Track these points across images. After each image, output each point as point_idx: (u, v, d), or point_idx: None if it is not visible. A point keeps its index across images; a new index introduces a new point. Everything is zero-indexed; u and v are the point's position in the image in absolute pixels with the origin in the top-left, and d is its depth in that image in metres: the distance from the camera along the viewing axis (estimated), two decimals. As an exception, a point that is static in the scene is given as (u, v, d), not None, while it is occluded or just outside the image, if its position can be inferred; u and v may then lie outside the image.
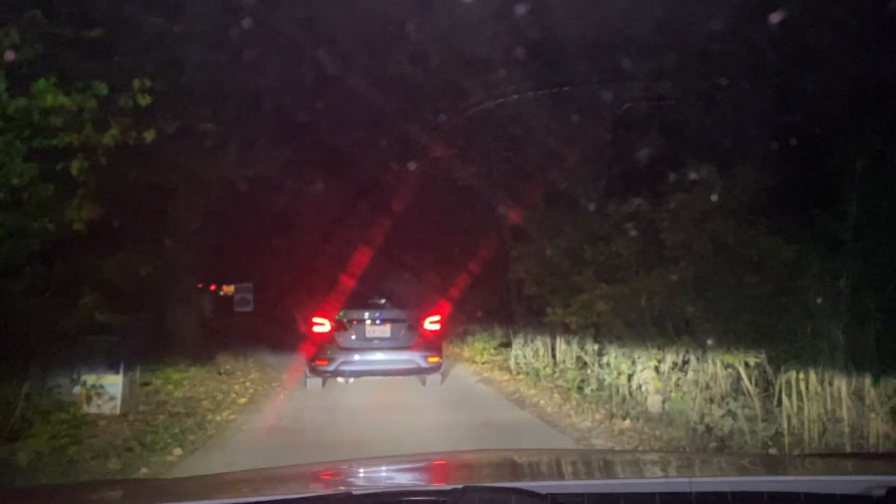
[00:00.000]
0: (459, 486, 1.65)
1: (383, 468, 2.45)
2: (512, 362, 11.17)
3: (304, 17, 7.74)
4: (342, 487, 1.92)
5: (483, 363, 12.23)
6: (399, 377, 9.25)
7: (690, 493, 1.69)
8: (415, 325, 8.52)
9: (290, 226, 12.33)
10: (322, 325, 8.43)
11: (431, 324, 8.71)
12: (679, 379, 7.31)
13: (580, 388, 8.75)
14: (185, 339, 10.44)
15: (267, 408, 8.21)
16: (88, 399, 7.68)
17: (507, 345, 13.32)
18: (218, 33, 7.37)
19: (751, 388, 6.33)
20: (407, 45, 8.78)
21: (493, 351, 13.15)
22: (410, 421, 7.15)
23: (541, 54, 8.71)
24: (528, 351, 11.17)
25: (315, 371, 8.44)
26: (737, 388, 6.85)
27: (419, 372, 8.60)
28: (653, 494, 1.72)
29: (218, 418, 7.47)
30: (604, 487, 1.81)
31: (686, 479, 1.76)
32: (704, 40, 7.22)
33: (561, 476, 2.17)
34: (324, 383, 9.15)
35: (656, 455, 4.36)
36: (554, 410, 7.74)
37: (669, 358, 7.46)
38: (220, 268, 12.02)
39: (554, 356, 10.86)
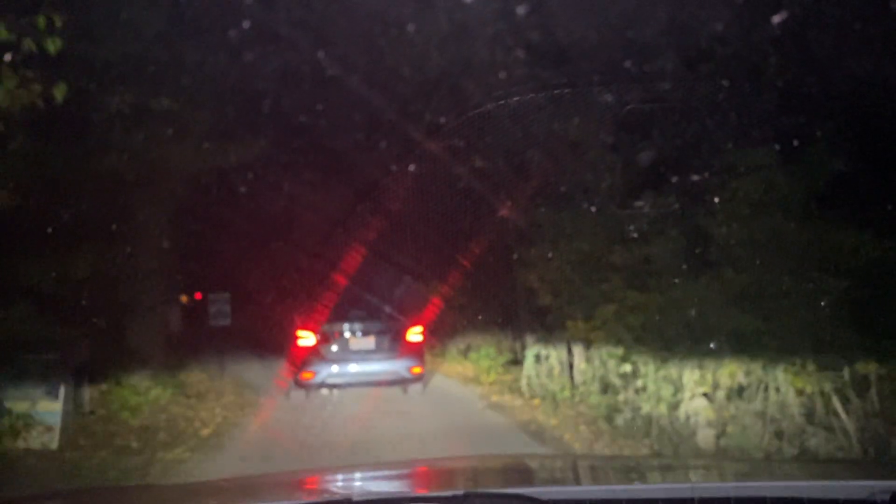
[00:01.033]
0: (461, 492, 1.67)
1: (384, 474, 2.46)
2: (523, 383, 9.78)
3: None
4: (343, 493, 1.92)
5: (490, 384, 10.84)
6: (405, 405, 8.44)
7: (692, 499, 1.69)
8: (398, 336, 8.62)
9: (272, 232, 11.01)
10: (306, 338, 8.35)
11: (414, 335, 8.80)
12: (737, 408, 5.95)
13: (609, 418, 7.37)
14: (148, 357, 9.04)
15: (232, 443, 6.83)
16: (14, 432, 6.30)
17: (517, 362, 11.98)
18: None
19: (846, 420, 4.95)
20: (397, 28, 7.55)
21: (500, 369, 11.76)
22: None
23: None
24: (541, 370, 9.79)
25: (300, 384, 8.37)
26: (812, 420, 5.50)
27: (402, 382, 8.68)
28: (655, 500, 1.74)
29: (169, 457, 6.09)
30: (605, 493, 1.81)
31: (688, 485, 1.81)
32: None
33: (562, 482, 2.18)
34: (307, 394, 8.69)
35: (658, 460, 4.26)
36: (583, 447, 6.36)
37: (724, 382, 6.09)
38: (194, 275, 10.68)
39: (572, 377, 9.49)
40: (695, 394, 6.12)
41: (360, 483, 2.24)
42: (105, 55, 5.54)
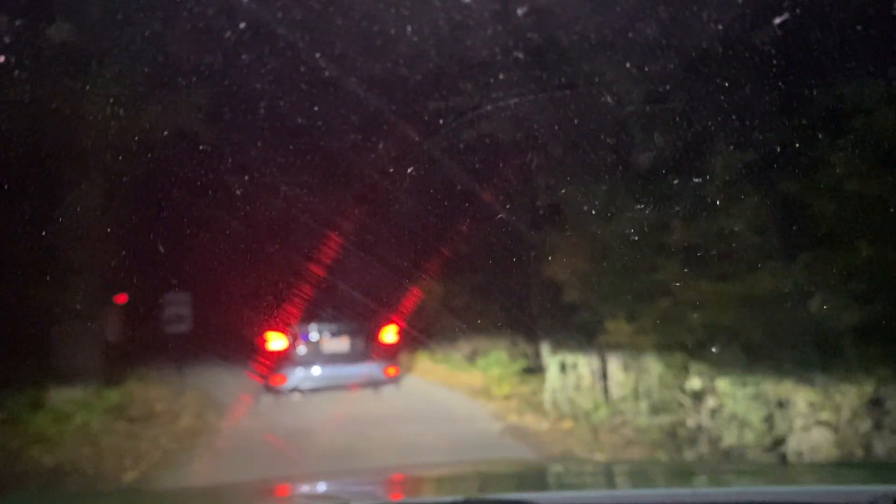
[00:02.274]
0: (461, 499, 1.66)
1: (383, 479, 2.46)
2: (547, 398, 7.95)
3: None
4: (341, 498, 1.99)
5: (504, 397, 9.02)
6: (403, 431, 6.90)
7: None
8: (372, 337, 8.42)
9: (239, 225, 9.15)
10: (277, 341, 8.14)
11: (389, 334, 8.58)
12: (872, 442, 4.12)
13: (672, 448, 5.54)
14: (80, 372, 7.22)
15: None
16: None
17: (533, 370, 10.17)
18: None
19: None
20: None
21: (514, 379, 9.94)
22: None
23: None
24: (568, 381, 7.97)
25: (271, 390, 8.14)
26: None
27: (377, 384, 8.47)
28: None
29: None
30: (606, 498, 1.81)
31: (690, 490, 1.78)
32: None
33: (562, 487, 2.15)
34: (279, 410, 7.95)
35: (660, 465, 4.03)
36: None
37: (848, 403, 4.27)
38: (146, 273, 8.87)
39: (606, 390, 7.68)
40: (810, 421, 4.28)
41: (358, 488, 2.21)
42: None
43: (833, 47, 4.76)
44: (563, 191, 7.70)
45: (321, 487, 2.26)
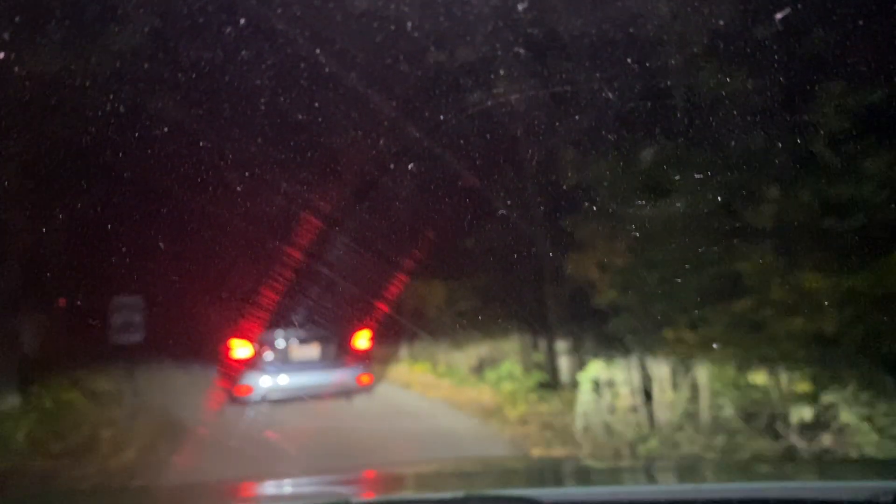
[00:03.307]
0: (461, 494, 1.66)
1: (383, 476, 2.44)
2: (578, 423, 6.39)
3: None
4: (341, 495, 1.90)
5: (521, 420, 7.47)
6: None
7: (696, 500, 1.67)
8: (344, 343, 8.02)
9: (201, 221, 7.69)
10: (243, 349, 7.60)
11: (362, 340, 8.18)
12: None
13: None
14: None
15: None
16: None
17: (553, 385, 8.69)
18: None
19: None
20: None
21: (532, 396, 8.41)
22: None
23: None
24: (602, 400, 6.43)
25: (236, 401, 7.65)
26: None
27: (350, 393, 8.03)
28: (658, 501, 1.72)
29: None
30: (607, 495, 1.78)
31: (691, 486, 1.79)
32: None
33: (563, 483, 2.13)
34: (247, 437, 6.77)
35: (662, 462, 3.93)
36: None
37: None
38: (86, 273, 7.30)
39: (651, 414, 6.16)
40: None
41: (357, 485, 2.18)
42: None
43: None
44: (592, 166, 6.19)
45: (321, 483, 2.20)
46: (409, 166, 7.50)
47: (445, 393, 9.27)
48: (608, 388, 6.50)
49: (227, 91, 6.74)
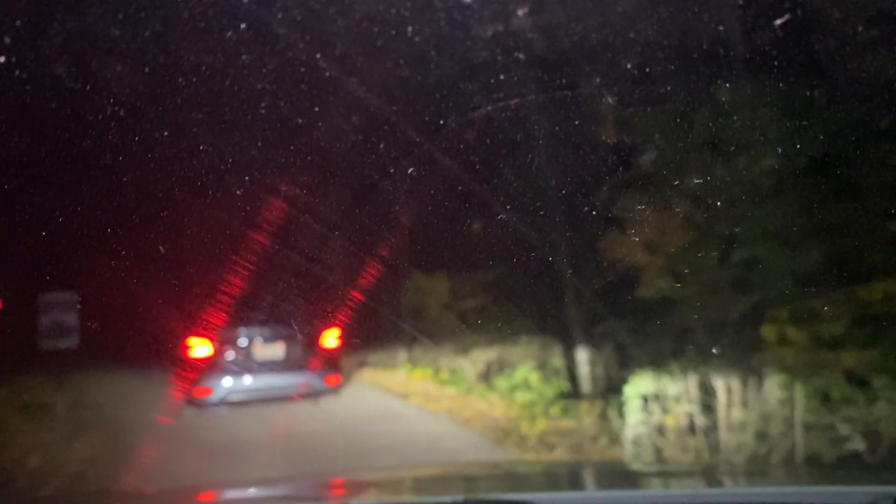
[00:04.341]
0: (460, 499, 1.66)
1: (381, 479, 2.41)
2: (629, 450, 5.01)
3: None
4: (339, 498, 1.97)
5: (542, 441, 6.11)
6: None
7: None
8: (312, 342, 7.52)
9: (152, 207, 6.38)
10: (201, 348, 7.08)
11: (330, 339, 7.59)
12: None
13: None
14: None
15: None
16: None
17: (575, 395, 7.44)
18: None
19: None
20: None
21: (553, 409, 7.07)
22: None
23: None
24: (652, 415, 5.07)
25: (195, 403, 7.11)
26: None
27: (317, 394, 7.49)
28: None
29: None
30: (606, 500, 1.80)
31: (689, 491, 1.78)
32: None
33: (561, 488, 2.11)
34: None
35: (661, 467, 3.82)
36: None
37: None
38: (9, 268, 5.88)
39: (713, 434, 4.79)
40: None
41: (356, 488, 2.17)
42: None
43: None
44: (639, 119, 4.83)
45: (320, 485, 2.22)
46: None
47: (449, 404, 7.93)
48: (655, 402, 5.15)
49: (174, 49, 5.45)
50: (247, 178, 6.34)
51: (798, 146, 3.69)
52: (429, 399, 8.19)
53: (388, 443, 5.82)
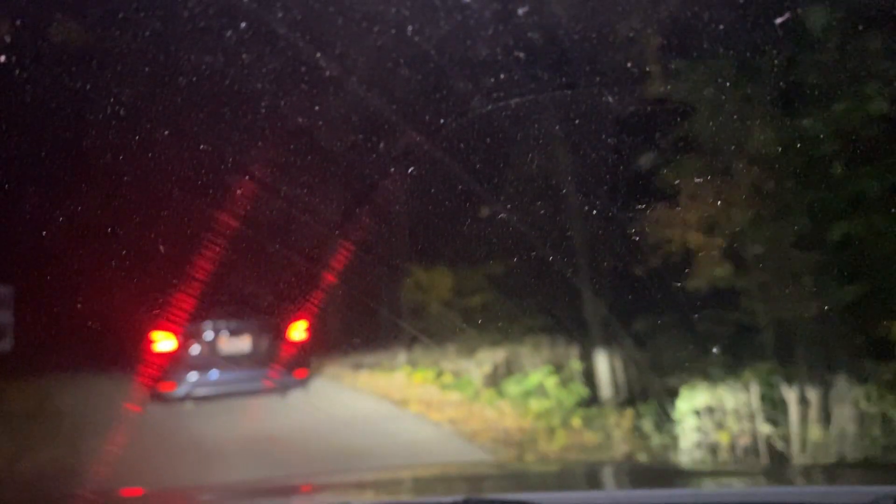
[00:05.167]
0: (461, 499, 1.64)
1: (382, 480, 2.38)
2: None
3: None
4: (339, 499, 1.92)
5: (562, 457, 5.17)
6: None
7: None
8: (279, 335, 7.37)
9: (106, 185, 5.46)
10: (165, 342, 6.96)
11: (298, 331, 7.40)
12: None
13: None
14: None
15: None
16: None
17: (595, 401, 6.58)
18: None
19: None
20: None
21: (573, 419, 6.15)
22: None
23: None
24: (708, 435, 4.13)
25: (160, 398, 6.99)
26: None
27: (285, 388, 7.31)
28: None
29: None
30: (607, 499, 1.78)
31: (691, 491, 1.76)
32: None
33: (563, 488, 2.06)
34: None
35: (662, 466, 3.68)
36: None
37: None
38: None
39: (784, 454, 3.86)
40: None
41: (356, 489, 2.13)
42: None
43: None
44: (689, 72, 3.89)
45: (321, 485, 2.17)
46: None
47: (453, 413, 7.00)
48: (708, 415, 4.21)
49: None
50: (216, 159, 5.51)
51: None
52: (430, 406, 7.26)
53: (383, 463, 4.88)
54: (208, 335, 7.22)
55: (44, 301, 5.68)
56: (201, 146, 5.31)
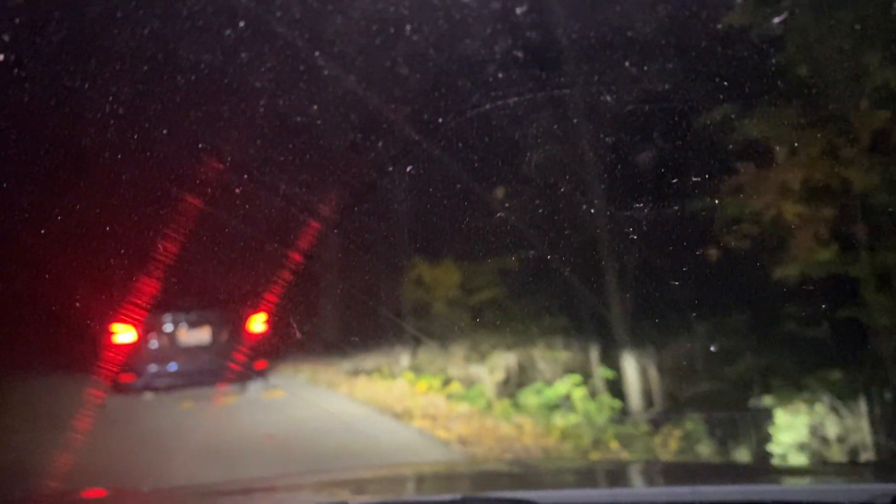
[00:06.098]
0: (458, 497, 1.65)
1: (379, 478, 2.38)
2: None
3: None
4: (338, 497, 1.89)
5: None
6: None
7: (693, 503, 1.66)
8: (239, 326, 7.40)
9: (53, 173, 4.67)
10: (124, 333, 6.98)
11: (257, 323, 7.37)
12: None
13: None
14: None
15: None
16: None
17: (625, 414, 5.65)
18: None
19: None
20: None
21: (607, 438, 5.19)
22: None
23: None
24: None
25: (120, 388, 7.08)
26: None
27: (245, 379, 7.36)
28: None
29: None
30: (605, 497, 1.78)
31: (688, 488, 1.75)
32: None
33: (560, 486, 2.07)
34: None
35: (659, 464, 3.80)
36: None
37: None
38: None
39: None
40: None
41: (356, 487, 2.14)
42: None
43: None
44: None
45: (318, 484, 2.15)
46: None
47: (463, 429, 6.05)
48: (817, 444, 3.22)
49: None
50: (187, 150, 4.76)
51: None
52: (436, 421, 6.29)
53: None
54: (168, 327, 7.31)
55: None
56: (165, 131, 4.47)
